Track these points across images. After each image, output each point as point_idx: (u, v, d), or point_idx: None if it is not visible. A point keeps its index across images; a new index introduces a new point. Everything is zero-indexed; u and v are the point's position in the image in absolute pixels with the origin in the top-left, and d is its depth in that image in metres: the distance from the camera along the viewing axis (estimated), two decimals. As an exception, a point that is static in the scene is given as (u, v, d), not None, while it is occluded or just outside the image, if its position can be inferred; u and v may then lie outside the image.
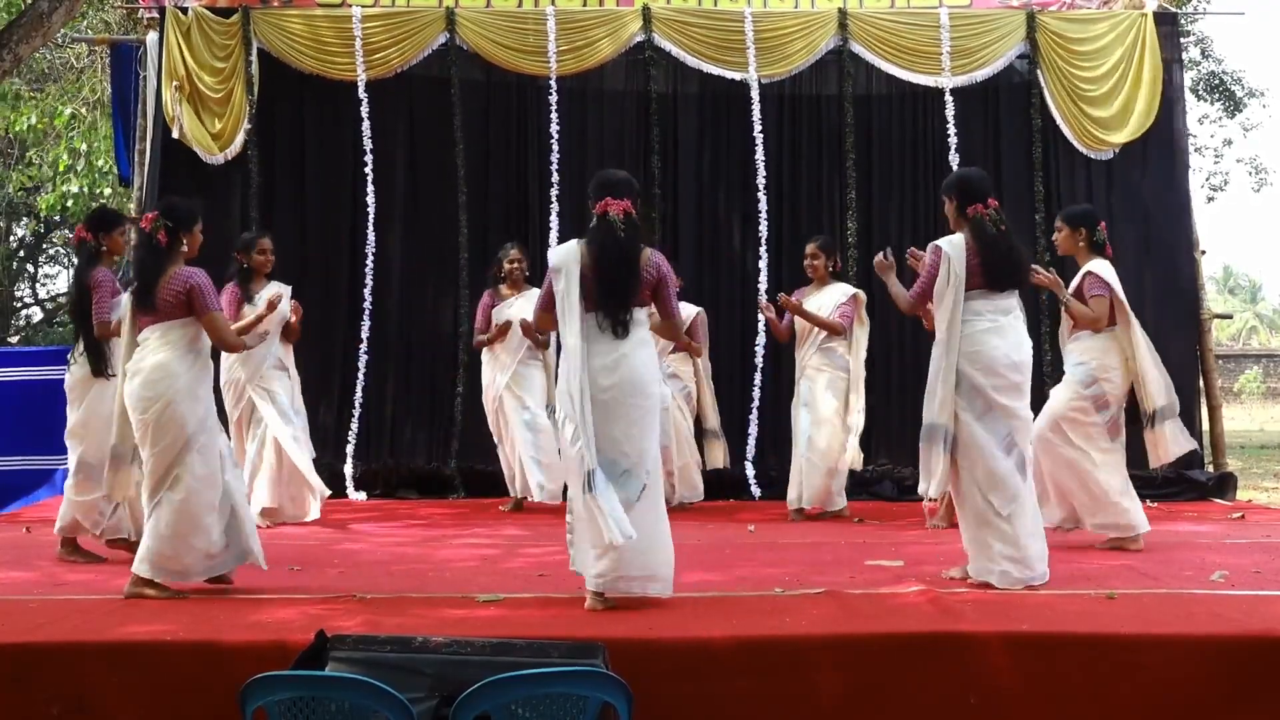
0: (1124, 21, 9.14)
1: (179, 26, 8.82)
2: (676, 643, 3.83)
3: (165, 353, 4.64)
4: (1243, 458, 14.85)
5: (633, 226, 4.48)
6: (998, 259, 4.82)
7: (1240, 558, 5.58)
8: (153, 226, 4.73)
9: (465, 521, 7.32)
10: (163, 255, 4.71)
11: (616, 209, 4.47)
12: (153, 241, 4.72)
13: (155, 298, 4.65)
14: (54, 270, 24.74)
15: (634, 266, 4.44)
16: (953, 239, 4.87)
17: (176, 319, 4.68)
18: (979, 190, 4.92)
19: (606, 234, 4.45)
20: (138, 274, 4.76)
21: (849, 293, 7.39)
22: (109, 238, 5.73)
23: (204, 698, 3.64)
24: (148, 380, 4.61)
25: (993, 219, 4.86)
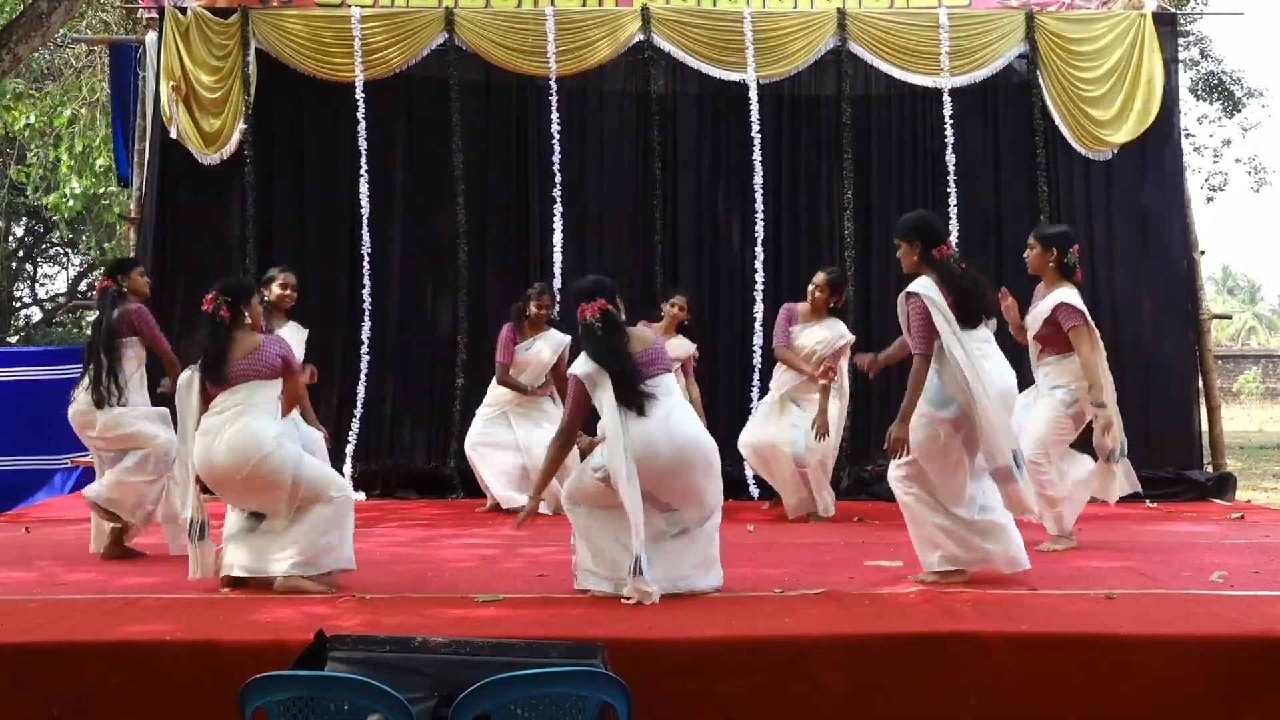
0: (1123, 22, 9.14)
1: (178, 26, 8.83)
2: (676, 643, 3.84)
3: (247, 417, 4.77)
4: (1242, 458, 14.85)
5: (610, 323, 4.69)
6: (966, 297, 4.87)
7: (1239, 558, 5.58)
8: (214, 305, 4.90)
9: (464, 522, 7.32)
10: (227, 331, 4.89)
11: (591, 311, 4.69)
12: (216, 320, 4.90)
13: (228, 368, 4.81)
14: (53, 270, 24.76)
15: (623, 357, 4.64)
16: (922, 281, 4.85)
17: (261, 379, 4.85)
18: (939, 233, 4.99)
19: (591, 335, 4.70)
20: (205, 352, 4.88)
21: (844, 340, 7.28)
22: (127, 279, 5.96)
23: (203, 698, 3.64)
24: (233, 442, 4.72)
25: (954, 258, 4.97)
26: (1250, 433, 21.04)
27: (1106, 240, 9.19)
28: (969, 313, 4.83)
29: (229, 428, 4.74)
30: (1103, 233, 9.19)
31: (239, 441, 4.70)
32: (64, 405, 5.91)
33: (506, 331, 7.73)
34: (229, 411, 4.78)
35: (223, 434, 4.74)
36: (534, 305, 7.65)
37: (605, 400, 4.57)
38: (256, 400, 4.81)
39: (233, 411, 4.78)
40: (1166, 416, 8.96)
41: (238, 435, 4.71)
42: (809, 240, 9.14)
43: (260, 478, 4.70)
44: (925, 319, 4.76)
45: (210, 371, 4.84)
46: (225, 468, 4.73)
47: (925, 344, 4.77)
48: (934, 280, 4.82)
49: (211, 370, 4.83)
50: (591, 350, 4.66)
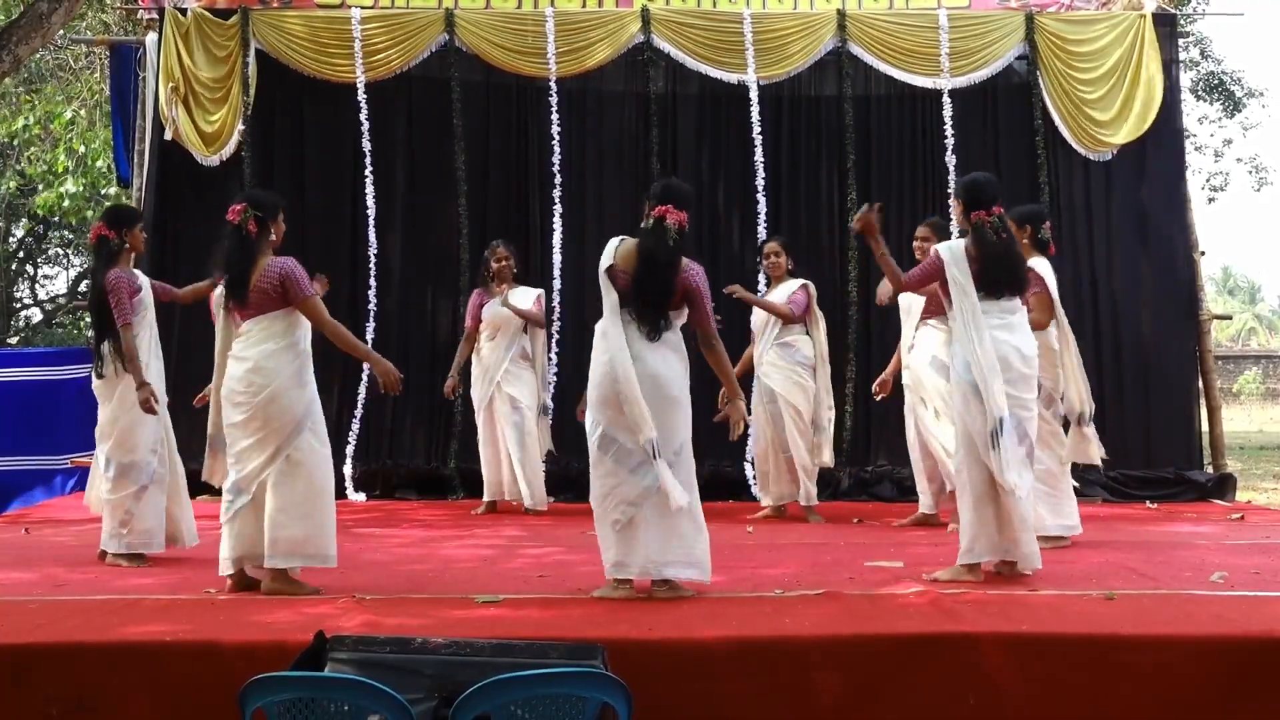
0: (1123, 22, 9.14)
1: (178, 27, 8.83)
2: (676, 643, 3.84)
3: (270, 344, 4.72)
4: (1242, 459, 14.85)
5: (683, 239, 4.56)
6: (994, 266, 4.95)
7: (1240, 558, 5.58)
8: (241, 218, 4.79)
9: (464, 522, 7.33)
10: (253, 246, 4.78)
11: (674, 219, 4.53)
12: (243, 233, 4.78)
13: (249, 289, 4.71)
14: (53, 271, 24.75)
15: (674, 276, 4.51)
16: (952, 244, 5.05)
17: (273, 311, 4.75)
18: (985, 196, 5.08)
19: (656, 238, 4.53)
20: (229, 267, 4.80)
21: (798, 283, 7.36)
22: (130, 234, 5.72)
23: (203, 698, 3.64)
24: (255, 367, 4.68)
25: (994, 226, 4.99)
26: (1250, 433, 21.04)
27: (1106, 240, 9.19)
28: (991, 281, 4.94)
29: (251, 353, 4.71)
30: (1103, 233, 9.19)
31: (257, 369, 4.67)
32: (64, 406, 5.90)
33: (475, 296, 7.79)
34: (253, 336, 4.74)
35: (244, 360, 4.71)
36: (494, 261, 7.66)
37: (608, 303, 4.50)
38: (277, 328, 4.73)
39: (257, 336, 4.73)
40: (1166, 417, 8.97)
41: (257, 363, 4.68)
42: (809, 241, 9.13)
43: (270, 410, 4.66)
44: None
45: (234, 291, 4.75)
46: (239, 394, 4.70)
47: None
48: (968, 244, 4.99)
49: (235, 290, 4.75)
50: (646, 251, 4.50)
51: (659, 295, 4.50)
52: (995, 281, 4.96)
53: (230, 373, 4.78)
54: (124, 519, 5.56)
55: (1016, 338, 5.01)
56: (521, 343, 7.64)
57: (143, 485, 5.59)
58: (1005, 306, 5.01)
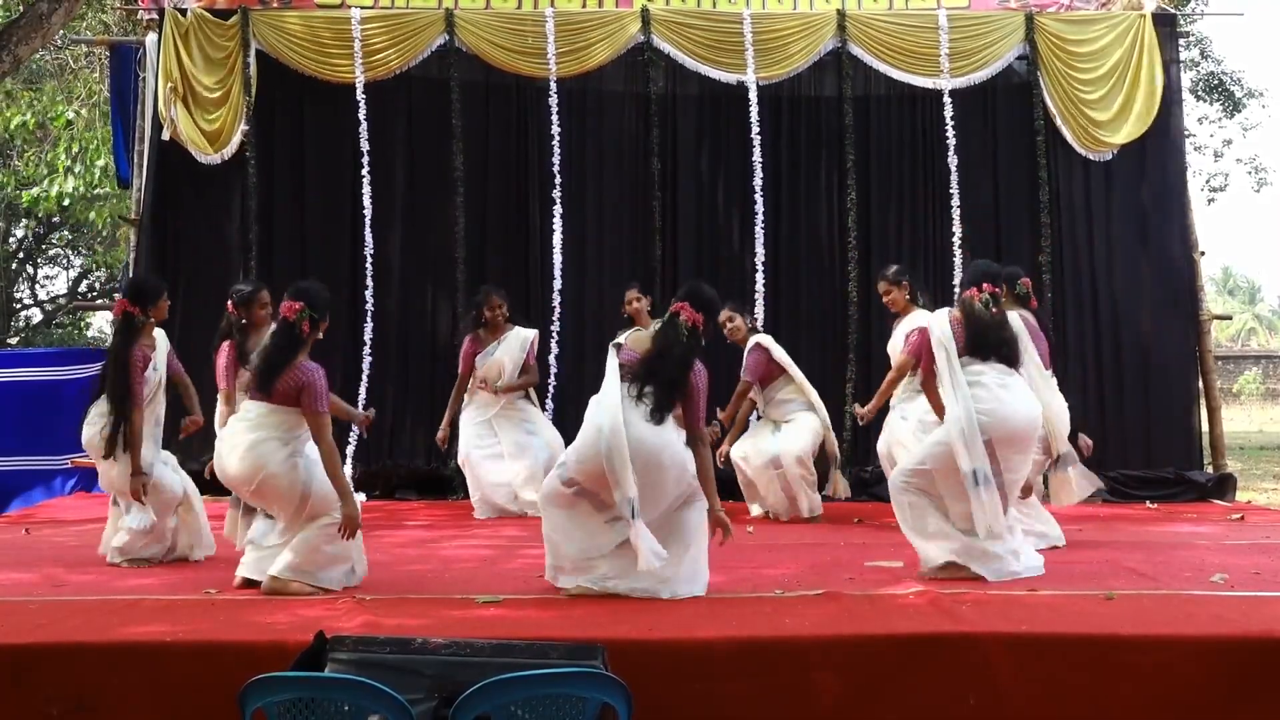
0: (1123, 23, 9.14)
1: (178, 28, 8.83)
2: (676, 644, 3.84)
3: (262, 433, 4.75)
4: (1242, 459, 14.85)
5: (695, 337, 4.65)
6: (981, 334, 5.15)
7: (1240, 559, 5.58)
8: (298, 317, 4.77)
9: (465, 523, 7.32)
10: (298, 346, 4.78)
11: (688, 316, 4.64)
12: (295, 331, 4.78)
13: (273, 387, 4.74)
14: (54, 272, 24.76)
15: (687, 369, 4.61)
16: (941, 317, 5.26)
17: (285, 405, 4.77)
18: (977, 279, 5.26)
19: (669, 332, 4.66)
20: (269, 360, 4.79)
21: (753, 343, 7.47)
22: (154, 308, 5.68)
23: (203, 698, 3.64)
24: (244, 457, 4.73)
25: (985, 300, 5.19)
26: (1250, 433, 21.04)
27: (1106, 241, 9.20)
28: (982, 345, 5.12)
29: (242, 440, 4.76)
30: (1103, 233, 9.19)
31: (247, 459, 4.73)
32: (65, 406, 5.88)
33: (467, 344, 7.67)
34: (247, 422, 4.79)
35: (236, 450, 4.76)
36: (487, 310, 7.60)
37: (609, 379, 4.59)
38: (274, 421, 4.75)
39: (250, 423, 4.78)
40: (1167, 417, 8.97)
41: (246, 453, 4.73)
42: (809, 241, 9.14)
43: (268, 490, 4.74)
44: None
45: (262, 381, 4.77)
46: (235, 478, 4.81)
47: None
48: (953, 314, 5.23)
49: (263, 380, 4.77)
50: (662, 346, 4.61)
51: (670, 384, 4.57)
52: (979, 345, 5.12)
53: (221, 451, 4.84)
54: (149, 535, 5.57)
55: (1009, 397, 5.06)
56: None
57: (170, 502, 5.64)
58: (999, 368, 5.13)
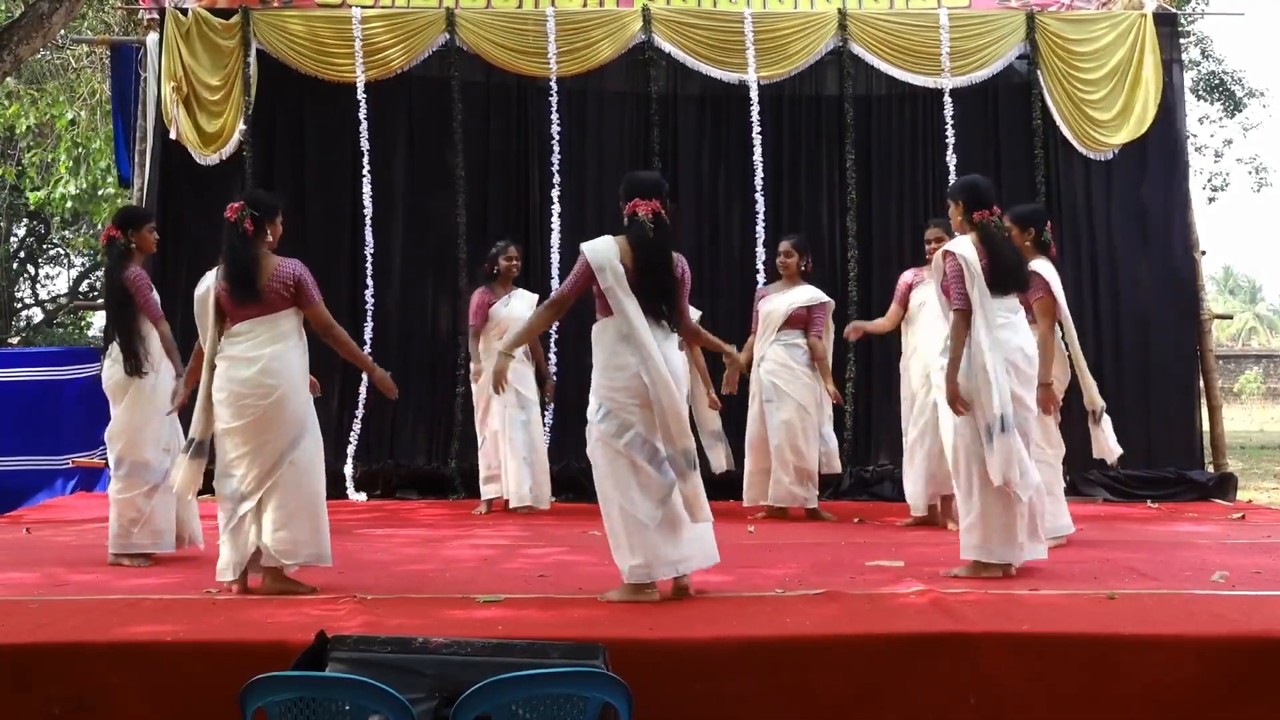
0: (1124, 22, 9.14)
1: (179, 27, 8.83)
2: (677, 643, 3.84)
3: (281, 344, 4.70)
4: (1243, 458, 14.84)
5: (661, 226, 4.55)
6: (1003, 263, 4.99)
7: (1241, 558, 5.58)
8: (238, 216, 4.77)
9: (465, 522, 7.32)
10: (252, 244, 4.76)
11: (645, 209, 4.53)
12: (239, 230, 4.76)
13: (258, 288, 4.68)
14: (54, 271, 24.77)
15: (670, 263, 4.53)
16: (961, 241, 5.03)
17: (281, 310, 4.73)
18: (986, 197, 5.07)
19: (639, 233, 4.52)
20: (232, 264, 4.75)
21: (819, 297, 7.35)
22: (138, 235, 5.73)
23: (204, 698, 3.64)
24: (267, 369, 4.65)
25: (996, 225, 5.04)
26: (1251, 433, 21.03)
27: (1107, 240, 9.19)
28: (1000, 279, 4.96)
29: (263, 350, 4.67)
30: (1103, 233, 9.19)
31: (274, 367, 4.65)
32: (65, 406, 5.89)
33: (480, 295, 7.67)
34: (260, 337, 4.71)
35: (255, 359, 4.67)
36: (504, 260, 7.62)
37: (629, 306, 4.41)
38: (285, 328, 4.73)
39: (264, 337, 4.70)
40: (1167, 416, 8.97)
41: (272, 361, 4.65)
42: (810, 241, 9.12)
43: (277, 412, 4.65)
44: (960, 276, 4.91)
45: (239, 288, 4.69)
46: (253, 391, 4.66)
47: (963, 299, 4.90)
48: (975, 241, 4.96)
49: (240, 288, 4.69)
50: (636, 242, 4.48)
51: (667, 286, 4.49)
52: (1002, 277, 4.98)
53: (231, 375, 4.71)
54: (134, 518, 5.55)
55: (1019, 338, 5.05)
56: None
57: (153, 485, 5.56)
58: (1008, 305, 5.04)
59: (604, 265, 4.49)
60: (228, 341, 4.78)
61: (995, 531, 4.92)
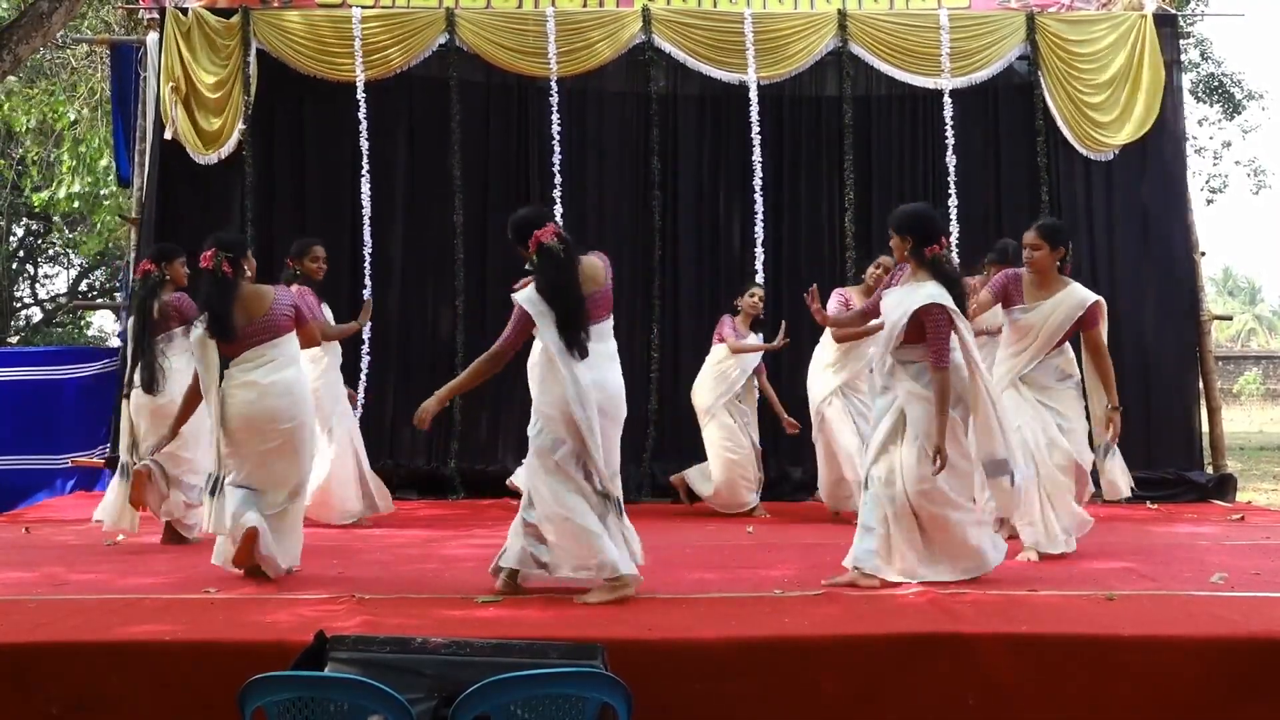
0: (1124, 23, 9.14)
1: (179, 27, 8.83)
2: (676, 643, 3.83)
3: (293, 369, 4.91)
4: (1242, 459, 14.85)
5: (567, 244, 4.55)
6: (958, 298, 4.87)
7: (1240, 559, 5.58)
8: (215, 263, 4.91)
9: (465, 522, 7.32)
10: (230, 286, 4.94)
11: (548, 235, 4.53)
12: (218, 275, 4.93)
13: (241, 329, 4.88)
14: (54, 271, 24.75)
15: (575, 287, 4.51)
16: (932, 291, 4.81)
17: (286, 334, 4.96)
18: (936, 230, 4.94)
19: (551, 262, 4.50)
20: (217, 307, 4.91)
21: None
22: (170, 267, 6.11)
23: (203, 698, 3.64)
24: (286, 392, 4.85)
25: (947, 259, 4.98)
26: (1250, 434, 21.03)
27: (1107, 241, 9.20)
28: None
29: (271, 377, 4.82)
30: (1103, 233, 9.20)
31: (286, 394, 4.82)
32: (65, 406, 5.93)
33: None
34: (265, 365, 4.85)
35: (264, 387, 4.81)
36: None
37: (550, 338, 4.44)
38: (290, 351, 4.92)
39: (269, 365, 4.85)
40: (1167, 417, 8.97)
41: (284, 387, 4.82)
42: (809, 242, 9.14)
43: (297, 439, 4.84)
44: (948, 331, 4.76)
45: (220, 330, 4.86)
46: (267, 419, 4.81)
47: (945, 356, 4.74)
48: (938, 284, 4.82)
49: (221, 329, 4.86)
50: (546, 279, 4.48)
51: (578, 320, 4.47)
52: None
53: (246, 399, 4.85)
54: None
55: None
56: None
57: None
58: None
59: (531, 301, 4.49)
60: (238, 369, 4.93)
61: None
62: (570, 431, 4.44)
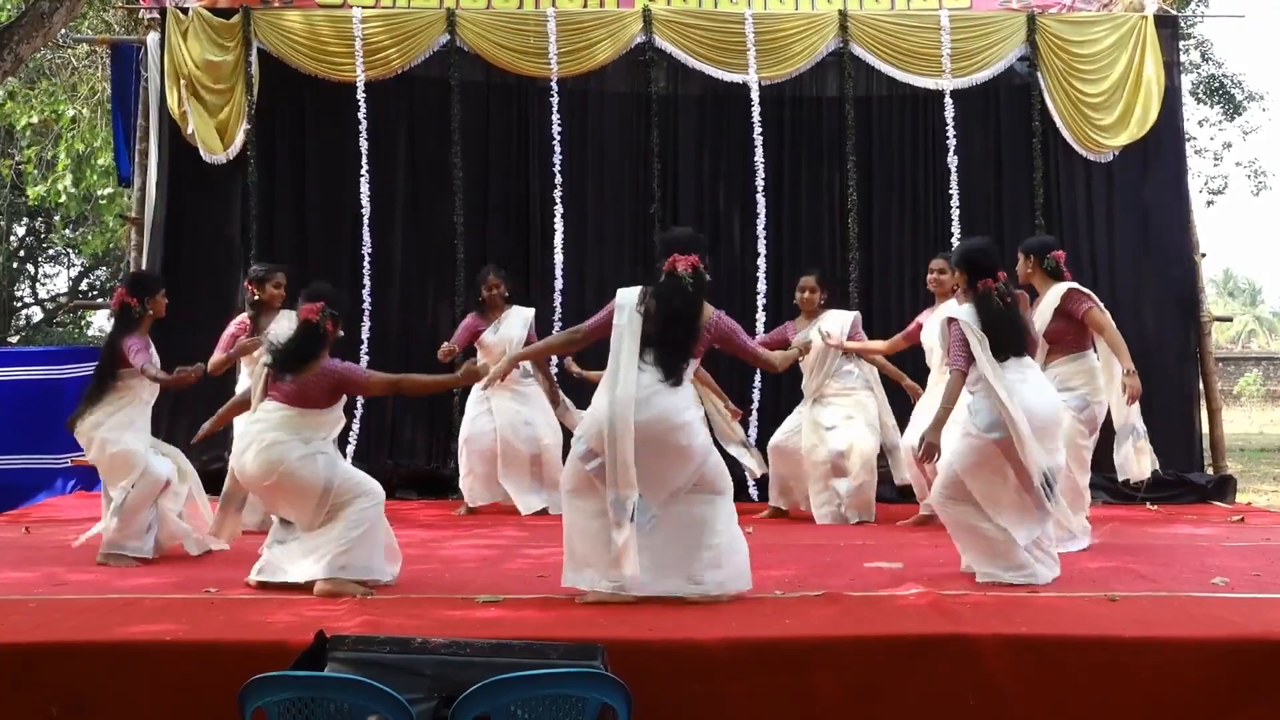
0: (1124, 24, 9.14)
1: (179, 27, 8.82)
2: (676, 644, 3.83)
3: (280, 433, 4.81)
4: (1242, 460, 14.84)
5: (699, 280, 4.63)
6: (998, 334, 5.00)
7: (1240, 560, 5.57)
8: (320, 317, 4.88)
9: (465, 522, 7.33)
10: (321, 345, 4.90)
11: (685, 265, 4.61)
12: (319, 331, 4.89)
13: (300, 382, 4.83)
14: (54, 270, 24.77)
15: (695, 323, 4.60)
16: (966, 309, 5.08)
17: (313, 408, 4.87)
18: (987, 265, 5.11)
19: (674, 289, 4.60)
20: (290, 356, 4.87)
21: (850, 316, 7.47)
22: (153, 301, 5.83)
23: (203, 698, 3.64)
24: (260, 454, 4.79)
25: (1000, 292, 5.07)
26: (1251, 435, 21.01)
27: (1107, 242, 9.19)
28: (1000, 345, 4.97)
29: (261, 440, 4.81)
30: (1103, 235, 9.19)
31: (264, 456, 4.79)
32: (66, 405, 5.90)
33: (470, 319, 7.77)
34: (264, 423, 4.85)
35: (252, 446, 4.83)
36: (485, 288, 7.64)
37: (624, 354, 4.49)
38: (295, 423, 4.84)
39: (268, 424, 4.84)
40: (1167, 418, 8.94)
41: (264, 451, 4.79)
42: (810, 242, 9.13)
43: (287, 486, 4.78)
44: (962, 341, 4.96)
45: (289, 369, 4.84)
46: (252, 476, 4.86)
47: (959, 360, 4.95)
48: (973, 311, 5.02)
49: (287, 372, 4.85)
50: (666, 301, 4.55)
51: (684, 340, 4.55)
52: (1000, 344, 4.98)
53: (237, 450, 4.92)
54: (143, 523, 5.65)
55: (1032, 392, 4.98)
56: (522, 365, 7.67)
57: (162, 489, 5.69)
58: (1022, 364, 5.03)
59: (624, 305, 4.60)
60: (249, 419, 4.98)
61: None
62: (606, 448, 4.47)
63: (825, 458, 7.23)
